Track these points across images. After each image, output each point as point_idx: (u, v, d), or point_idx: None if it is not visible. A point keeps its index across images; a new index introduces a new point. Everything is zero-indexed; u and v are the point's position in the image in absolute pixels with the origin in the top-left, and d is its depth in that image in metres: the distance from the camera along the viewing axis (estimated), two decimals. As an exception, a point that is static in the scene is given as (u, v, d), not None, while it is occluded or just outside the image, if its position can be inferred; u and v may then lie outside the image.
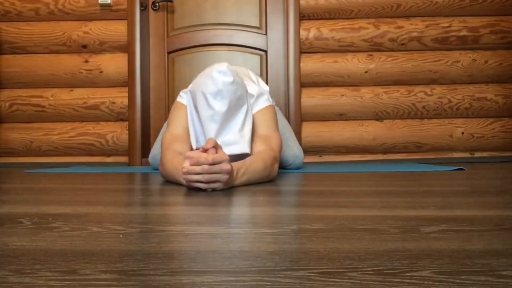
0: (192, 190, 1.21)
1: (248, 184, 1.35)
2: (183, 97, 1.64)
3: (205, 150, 1.18)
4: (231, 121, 1.42)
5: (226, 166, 1.17)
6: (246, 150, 1.41)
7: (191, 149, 1.55)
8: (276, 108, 2.30)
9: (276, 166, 1.49)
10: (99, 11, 2.95)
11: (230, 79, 1.37)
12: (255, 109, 1.61)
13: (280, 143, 1.56)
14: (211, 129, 1.40)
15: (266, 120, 1.59)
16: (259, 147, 1.50)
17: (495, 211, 0.82)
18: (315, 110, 2.91)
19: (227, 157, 1.18)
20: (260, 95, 1.63)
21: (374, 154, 2.92)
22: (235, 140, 1.41)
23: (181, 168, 1.32)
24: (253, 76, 2.07)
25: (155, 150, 2.11)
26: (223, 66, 1.40)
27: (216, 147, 1.20)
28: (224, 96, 1.37)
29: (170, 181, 1.46)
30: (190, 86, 1.58)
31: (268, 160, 1.43)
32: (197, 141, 1.50)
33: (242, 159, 1.42)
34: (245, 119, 1.45)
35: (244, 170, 1.32)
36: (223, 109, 1.38)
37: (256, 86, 1.69)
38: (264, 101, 1.63)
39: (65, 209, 0.89)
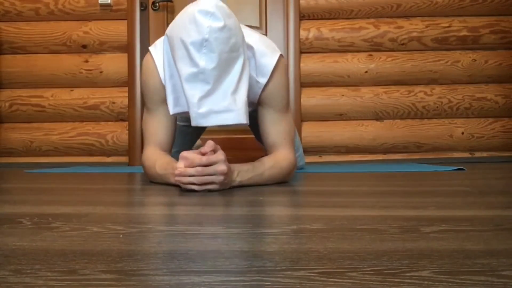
0: (189, 190, 1.21)
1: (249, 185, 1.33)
2: (157, 47, 1.32)
3: (203, 154, 1.12)
4: (222, 80, 1.12)
5: (221, 167, 1.10)
6: (242, 120, 1.14)
7: (172, 131, 1.36)
8: None
9: (293, 173, 1.38)
10: (99, 11, 2.95)
11: (219, 23, 1.07)
12: (264, 72, 1.30)
13: (293, 125, 1.39)
14: (195, 92, 1.11)
15: (280, 96, 1.32)
16: (278, 143, 1.32)
17: (495, 211, 0.82)
18: (315, 110, 2.91)
19: (223, 158, 1.11)
20: (264, 51, 1.30)
21: (374, 154, 2.92)
22: (227, 107, 1.12)
23: (170, 170, 1.23)
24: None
25: None
26: (210, 2, 1.09)
27: (215, 150, 1.13)
28: (212, 48, 1.07)
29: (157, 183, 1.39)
30: (167, 30, 1.22)
31: (286, 170, 1.30)
32: (175, 103, 1.23)
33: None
34: (240, 77, 1.14)
35: (252, 177, 1.22)
36: (211, 65, 1.08)
37: (257, 34, 1.36)
38: (272, 56, 1.30)
39: (65, 209, 0.89)
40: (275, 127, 1.35)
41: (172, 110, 1.24)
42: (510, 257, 0.49)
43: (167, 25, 2.99)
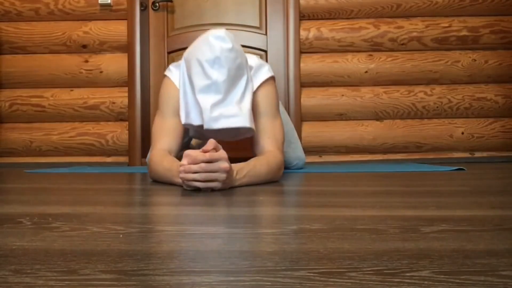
0: (192, 190, 1.21)
1: (248, 185, 1.34)
2: (172, 71, 1.53)
3: (205, 152, 1.15)
4: (231, 92, 1.31)
5: (224, 164, 1.14)
6: (247, 124, 1.30)
7: (180, 140, 1.49)
8: (280, 105, 2.27)
9: (282, 171, 1.45)
10: (99, 11, 2.95)
11: (229, 45, 1.27)
12: (256, 82, 1.51)
13: (283, 132, 1.51)
14: (208, 100, 1.29)
15: (268, 103, 1.49)
16: (266, 145, 1.44)
17: (495, 211, 0.82)
18: (315, 110, 2.91)
19: (226, 156, 1.15)
20: (260, 65, 1.52)
21: (374, 154, 2.92)
22: (234, 113, 1.30)
23: (175, 168, 1.29)
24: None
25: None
26: (220, 31, 1.29)
27: (217, 148, 1.16)
28: (222, 64, 1.27)
29: (162, 182, 1.43)
30: (184, 55, 1.46)
31: (274, 165, 1.38)
32: (187, 116, 1.40)
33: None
34: (244, 90, 1.35)
35: (246, 172, 1.28)
36: (222, 78, 1.27)
37: (255, 57, 1.58)
38: (265, 72, 1.52)
39: (65, 209, 0.89)
40: (265, 136, 1.47)
41: (183, 120, 1.41)
42: (510, 257, 0.49)
43: (167, 25, 2.99)
